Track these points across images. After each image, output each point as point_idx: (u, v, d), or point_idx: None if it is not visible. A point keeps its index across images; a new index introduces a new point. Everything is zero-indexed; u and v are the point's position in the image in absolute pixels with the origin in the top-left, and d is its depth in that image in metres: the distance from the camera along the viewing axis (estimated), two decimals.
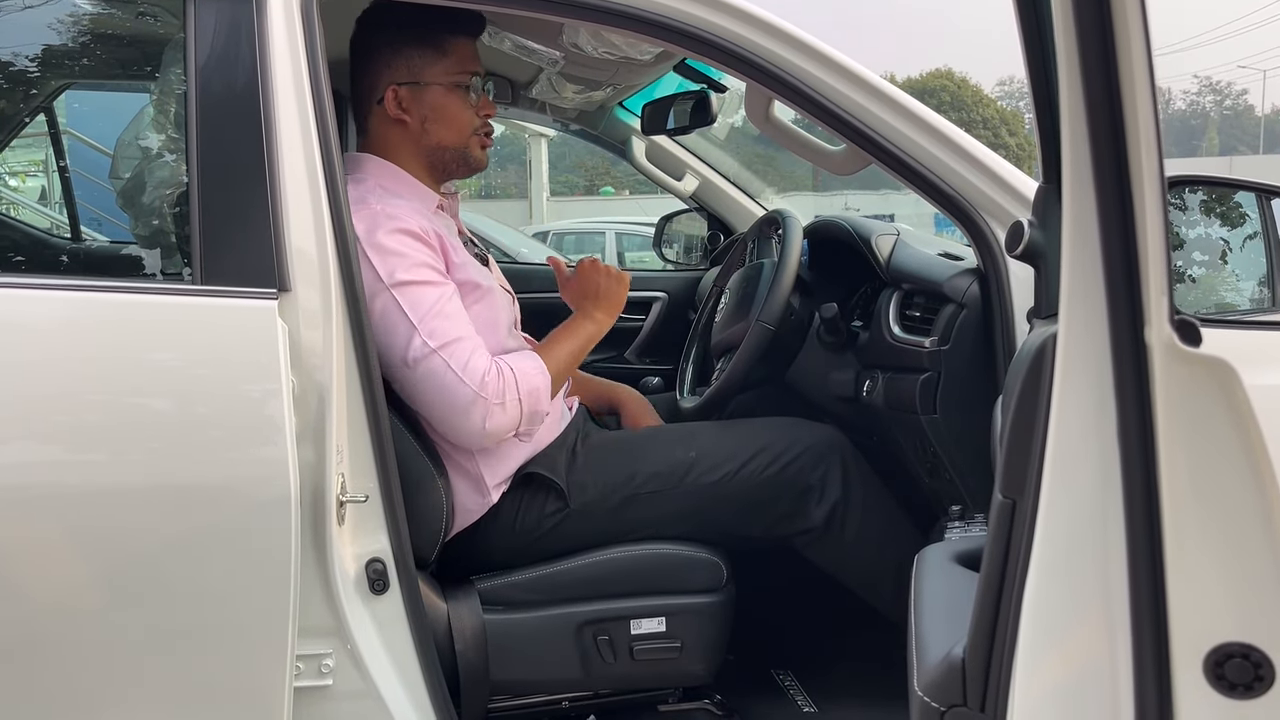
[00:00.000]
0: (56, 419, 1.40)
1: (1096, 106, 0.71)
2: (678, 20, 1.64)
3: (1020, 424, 0.82)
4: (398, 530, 1.56)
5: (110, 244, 1.71)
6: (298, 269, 1.48)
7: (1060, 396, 0.77)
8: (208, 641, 1.44)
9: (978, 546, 1.23)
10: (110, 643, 1.42)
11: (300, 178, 1.50)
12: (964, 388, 1.73)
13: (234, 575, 1.43)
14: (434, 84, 1.78)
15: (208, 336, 1.45)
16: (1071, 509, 0.76)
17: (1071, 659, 0.77)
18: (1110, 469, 0.72)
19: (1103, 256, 0.70)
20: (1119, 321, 0.69)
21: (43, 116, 2.55)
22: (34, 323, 1.43)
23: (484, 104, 1.84)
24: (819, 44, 1.68)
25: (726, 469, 1.81)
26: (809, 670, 2.11)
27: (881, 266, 1.95)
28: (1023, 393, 0.81)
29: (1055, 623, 0.77)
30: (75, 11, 1.77)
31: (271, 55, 1.51)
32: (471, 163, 1.85)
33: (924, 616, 1.01)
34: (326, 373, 1.47)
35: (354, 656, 1.54)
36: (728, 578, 1.82)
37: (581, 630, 1.76)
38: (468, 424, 1.66)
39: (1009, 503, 0.83)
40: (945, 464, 1.80)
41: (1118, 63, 0.69)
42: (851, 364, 2.03)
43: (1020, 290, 1.68)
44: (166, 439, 1.41)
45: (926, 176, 1.70)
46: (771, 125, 1.89)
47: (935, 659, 0.91)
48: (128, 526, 1.39)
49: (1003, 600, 0.84)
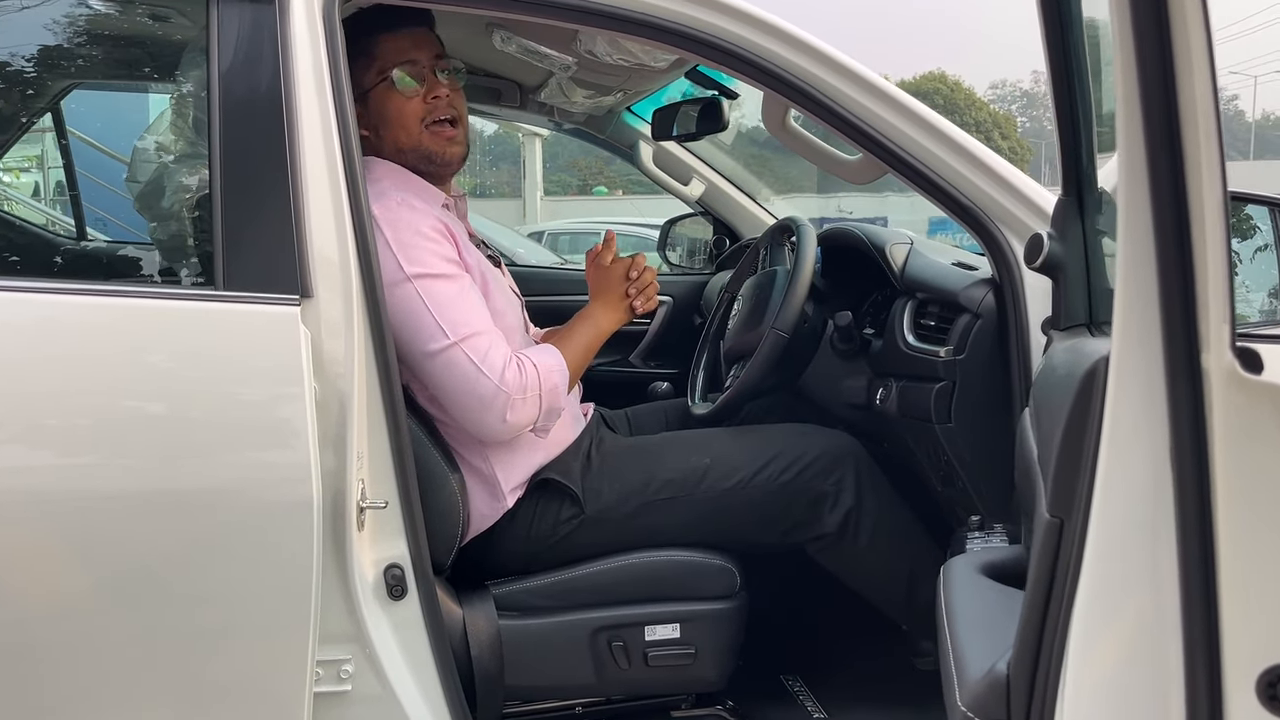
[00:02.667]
0: (78, 423, 1.40)
1: (1154, 116, 0.70)
2: (698, 29, 1.65)
3: (1069, 444, 0.82)
4: (416, 536, 1.56)
5: (130, 248, 1.70)
6: (320, 275, 1.48)
7: (1112, 419, 0.77)
8: (229, 647, 1.45)
9: (1004, 558, 1.24)
10: (134, 646, 1.42)
11: (322, 182, 1.50)
12: (979, 397, 1.74)
13: (256, 581, 1.43)
14: (372, 89, 1.76)
15: (231, 343, 1.45)
16: (1123, 530, 0.77)
17: (1121, 678, 0.78)
18: (1163, 492, 0.72)
19: (1159, 277, 0.70)
20: (1174, 346, 0.69)
21: (52, 118, 2.54)
22: (57, 328, 1.42)
23: (431, 86, 1.77)
24: (837, 54, 1.69)
25: (741, 475, 1.81)
26: (817, 675, 2.12)
27: (896, 275, 1.95)
28: (1073, 413, 0.82)
29: (1104, 642, 0.78)
30: (96, 13, 1.76)
31: (294, 58, 1.51)
32: (435, 159, 1.79)
33: (959, 631, 1.01)
34: (348, 378, 1.48)
35: (372, 662, 1.54)
36: (741, 584, 1.82)
37: (596, 636, 1.77)
38: (489, 417, 1.66)
39: (1056, 522, 0.84)
40: (959, 472, 1.80)
41: (1175, 70, 0.68)
42: (864, 371, 2.04)
43: (1034, 301, 1.69)
44: (188, 445, 1.41)
45: (942, 186, 1.71)
46: (788, 133, 1.90)
47: (977, 674, 0.91)
48: (150, 531, 1.39)
49: (1048, 617, 0.84)
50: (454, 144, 1.81)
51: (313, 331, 1.45)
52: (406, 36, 1.78)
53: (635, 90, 2.63)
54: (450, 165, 1.82)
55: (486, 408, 1.65)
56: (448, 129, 1.79)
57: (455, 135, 1.81)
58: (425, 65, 1.78)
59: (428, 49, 1.80)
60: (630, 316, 1.90)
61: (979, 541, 1.40)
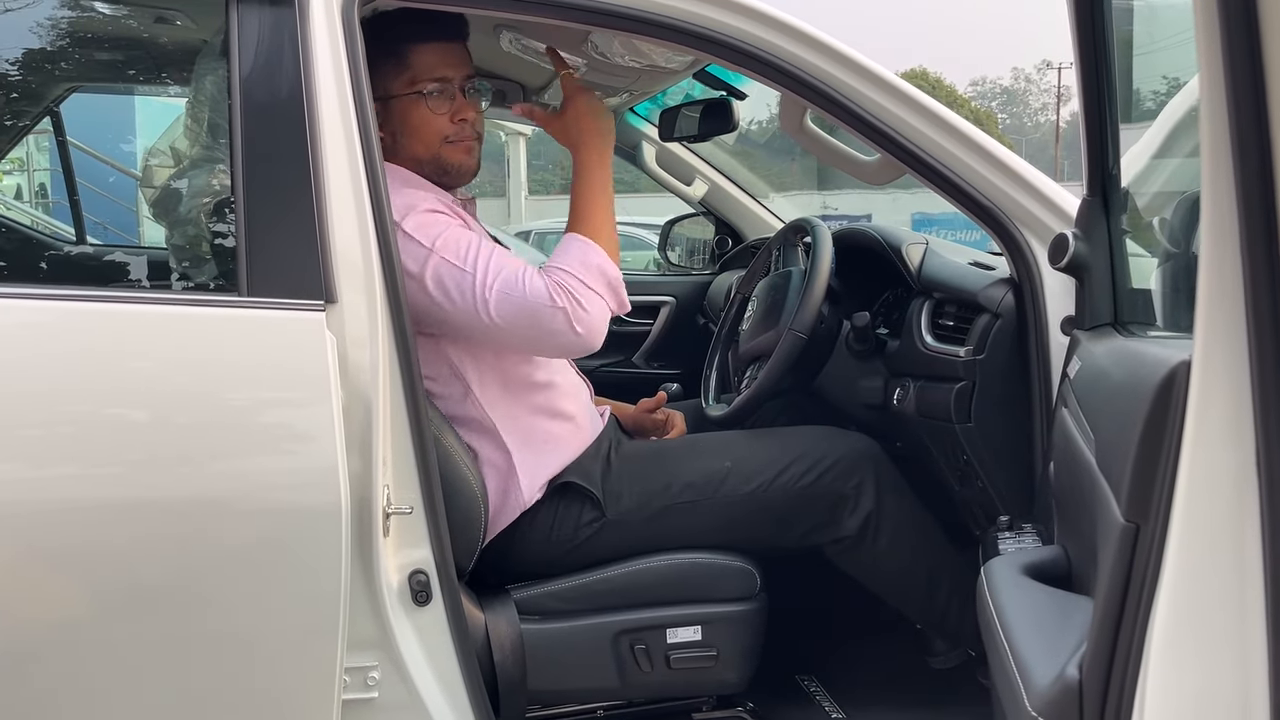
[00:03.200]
0: (97, 434, 1.38)
1: (1242, 110, 0.68)
2: (717, 31, 1.64)
3: (1146, 449, 0.82)
4: (440, 541, 1.56)
5: (154, 255, 1.69)
6: (344, 279, 1.47)
7: (1196, 423, 0.77)
8: (259, 655, 1.44)
9: (1043, 559, 1.24)
10: (163, 654, 1.41)
11: (345, 185, 1.49)
12: (999, 397, 1.74)
13: (285, 588, 1.42)
14: (398, 96, 1.75)
15: (256, 349, 1.43)
16: (1207, 535, 0.77)
17: (1202, 685, 0.78)
18: (1247, 496, 0.72)
19: (1246, 279, 0.69)
20: (1262, 348, 0.69)
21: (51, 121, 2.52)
22: (80, 334, 1.41)
23: (459, 107, 1.77)
24: (855, 54, 1.69)
25: (762, 478, 1.81)
26: (833, 676, 2.12)
27: (912, 275, 1.95)
28: (1151, 418, 0.82)
29: (1185, 648, 0.78)
30: (112, 17, 1.74)
31: (315, 60, 1.50)
32: (451, 171, 1.79)
33: (1017, 635, 1.01)
34: (373, 383, 1.47)
35: (399, 668, 1.54)
36: (761, 586, 1.82)
37: (618, 639, 1.76)
38: (560, 337, 1.65)
39: (1132, 527, 0.84)
40: (978, 472, 1.81)
41: (1265, 64, 0.67)
42: (880, 372, 2.04)
43: (1053, 300, 1.69)
44: (215, 452, 1.40)
45: (961, 186, 1.71)
46: (805, 135, 1.90)
47: (1045, 680, 0.91)
48: (178, 539, 1.38)
49: (1123, 622, 0.85)
50: (471, 155, 1.81)
51: (337, 337, 1.44)
52: (441, 50, 1.76)
53: (642, 91, 2.62)
54: (465, 176, 1.83)
55: (552, 331, 1.64)
56: (465, 144, 1.80)
57: (473, 147, 1.81)
58: (456, 83, 1.77)
59: (460, 66, 1.78)
60: (610, 141, 1.82)
61: (1011, 542, 1.40)
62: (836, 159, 1.99)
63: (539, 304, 1.63)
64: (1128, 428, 0.85)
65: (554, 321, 1.63)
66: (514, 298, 1.63)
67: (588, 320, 1.65)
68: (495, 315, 1.63)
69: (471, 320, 1.65)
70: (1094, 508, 0.97)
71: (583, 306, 1.65)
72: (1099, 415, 1.06)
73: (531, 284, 1.64)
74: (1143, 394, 0.83)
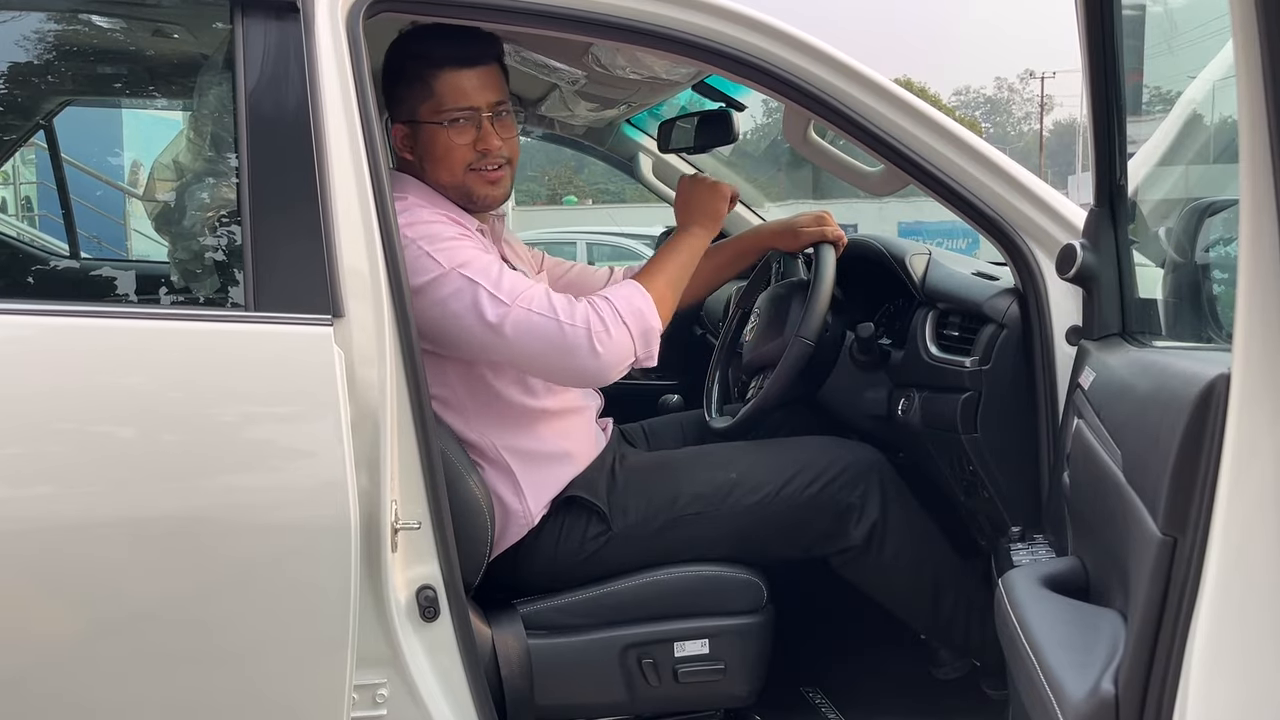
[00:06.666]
0: (107, 453, 1.37)
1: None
2: (721, 43, 1.64)
3: (1184, 462, 0.82)
4: (448, 556, 1.55)
5: (162, 269, 1.68)
6: (351, 293, 1.46)
7: (1236, 435, 0.77)
8: (268, 672, 1.42)
9: (1060, 570, 1.24)
10: (174, 672, 1.39)
11: (351, 198, 1.48)
12: (1005, 407, 1.74)
13: (295, 604, 1.41)
14: (425, 123, 1.73)
15: (264, 364, 1.42)
16: (1248, 547, 0.77)
17: (1246, 697, 0.77)
18: None
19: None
20: None
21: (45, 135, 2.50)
22: (87, 351, 1.39)
23: (484, 136, 1.73)
24: (858, 65, 1.69)
25: (768, 490, 1.81)
26: (836, 686, 2.11)
27: (916, 286, 1.95)
28: (1189, 431, 0.82)
29: (1228, 660, 0.78)
30: (109, 30, 1.73)
31: (320, 72, 1.49)
32: (475, 198, 1.76)
33: (1044, 649, 1.01)
34: (380, 398, 1.46)
35: (407, 685, 1.52)
36: (767, 598, 1.82)
37: (625, 653, 1.75)
38: (579, 360, 1.63)
39: (1170, 540, 0.84)
40: (985, 482, 1.81)
41: None
42: (884, 382, 2.04)
43: (1058, 310, 1.69)
44: (223, 468, 1.39)
45: (965, 196, 1.72)
46: (809, 146, 1.90)
47: (1080, 693, 0.91)
48: (187, 555, 1.37)
49: (1160, 635, 0.84)
50: (497, 187, 1.78)
51: (345, 351, 1.43)
52: (466, 77, 1.72)
53: (640, 103, 2.62)
54: (489, 206, 1.80)
55: (571, 351, 1.62)
56: (493, 172, 1.76)
57: (500, 178, 1.77)
58: (484, 112, 1.73)
59: (487, 92, 1.74)
60: (711, 230, 1.86)
61: (1024, 553, 1.40)
62: (840, 170, 1.99)
63: (559, 321, 1.61)
64: (1161, 441, 0.85)
65: (573, 338, 1.62)
66: (532, 315, 1.62)
67: (609, 344, 1.63)
68: (509, 333, 1.62)
69: (484, 338, 1.63)
70: (1122, 521, 0.97)
71: (608, 330, 1.63)
72: (1124, 429, 1.06)
73: (552, 303, 1.63)
74: (1178, 407, 0.83)
